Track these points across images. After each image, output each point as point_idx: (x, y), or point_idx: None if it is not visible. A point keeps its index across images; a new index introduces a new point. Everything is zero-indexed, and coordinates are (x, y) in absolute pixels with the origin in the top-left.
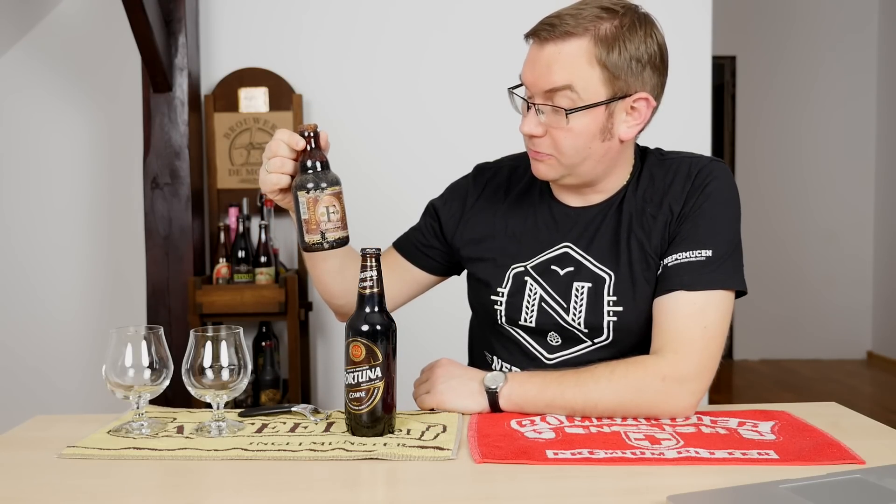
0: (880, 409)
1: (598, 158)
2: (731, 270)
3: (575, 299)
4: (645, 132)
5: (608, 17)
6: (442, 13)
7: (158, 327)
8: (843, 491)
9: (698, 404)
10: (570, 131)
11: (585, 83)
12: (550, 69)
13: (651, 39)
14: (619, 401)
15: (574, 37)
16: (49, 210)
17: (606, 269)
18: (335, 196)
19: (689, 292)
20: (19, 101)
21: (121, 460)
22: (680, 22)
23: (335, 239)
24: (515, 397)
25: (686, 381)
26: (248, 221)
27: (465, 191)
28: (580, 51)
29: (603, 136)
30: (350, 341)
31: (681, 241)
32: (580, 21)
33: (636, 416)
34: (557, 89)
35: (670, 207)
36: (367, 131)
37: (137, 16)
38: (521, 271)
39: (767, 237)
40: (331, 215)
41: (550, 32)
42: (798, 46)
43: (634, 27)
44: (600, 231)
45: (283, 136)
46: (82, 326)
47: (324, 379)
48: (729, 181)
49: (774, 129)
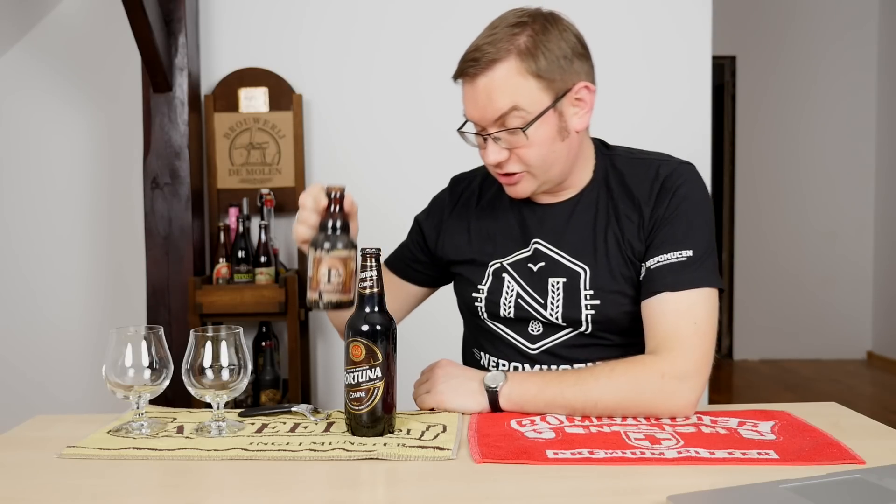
0: (880, 409)
1: (564, 158)
2: (711, 269)
3: (551, 295)
4: (650, 133)
5: (521, 31)
6: (441, 13)
7: (158, 327)
8: (843, 491)
9: (698, 403)
10: (533, 145)
11: (528, 98)
12: (491, 98)
13: (566, 33)
14: (620, 399)
15: (499, 62)
16: (49, 210)
17: (581, 264)
18: (340, 260)
19: (675, 293)
20: (19, 101)
21: (121, 460)
22: (680, 22)
23: (329, 301)
24: (515, 396)
25: (685, 378)
26: (248, 221)
27: (442, 203)
28: (510, 71)
29: (562, 136)
30: (350, 341)
31: (661, 244)
32: (498, 45)
33: (637, 416)
34: (505, 114)
35: (641, 209)
36: (367, 131)
37: (137, 16)
38: (500, 267)
39: (767, 237)
40: (332, 278)
41: (477, 66)
42: (798, 46)
43: (547, 29)
44: (570, 226)
45: (314, 190)
46: (82, 326)
47: (324, 379)
48: (699, 182)
49: (774, 129)
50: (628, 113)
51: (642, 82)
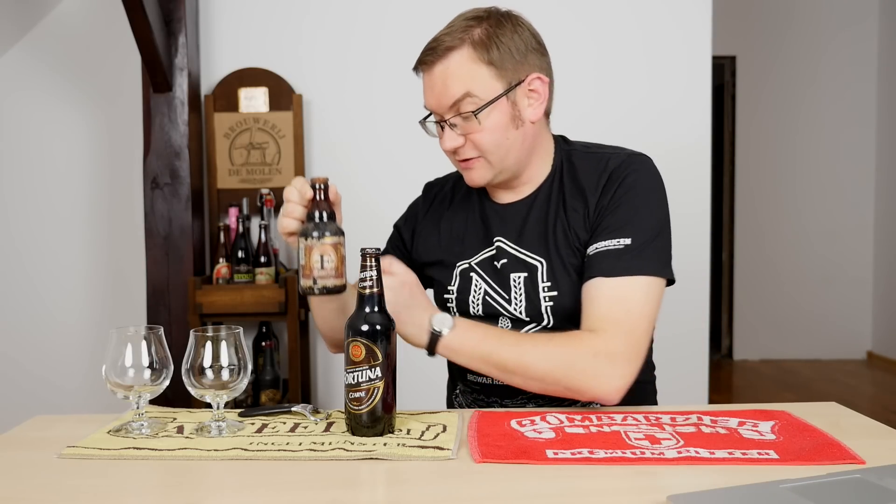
0: (880, 409)
1: (519, 146)
2: (653, 258)
3: (514, 290)
4: (650, 133)
5: (476, 24)
6: (441, 13)
7: (158, 327)
8: (843, 491)
9: (623, 392)
10: (485, 130)
11: (480, 84)
12: (446, 85)
13: (521, 28)
14: (550, 368)
15: (454, 49)
16: (49, 210)
17: (537, 257)
18: (332, 246)
19: (609, 278)
20: (19, 101)
21: (121, 460)
22: (680, 22)
23: (324, 286)
24: (455, 344)
25: (616, 361)
26: (248, 221)
27: (416, 208)
28: (464, 59)
29: (515, 124)
30: (350, 341)
31: (601, 231)
32: (454, 35)
33: (562, 392)
34: (459, 100)
35: (586, 199)
36: (366, 131)
37: (137, 16)
38: (467, 267)
39: (767, 237)
40: (325, 263)
41: (433, 54)
42: (798, 46)
43: (501, 24)
44: (528, 222)
45: (298, 183)
46: (82, 326)
47: (324, 379)
48: (648, 172)
49: (774, 128)
50: (628, 113)
51: (642, 82)
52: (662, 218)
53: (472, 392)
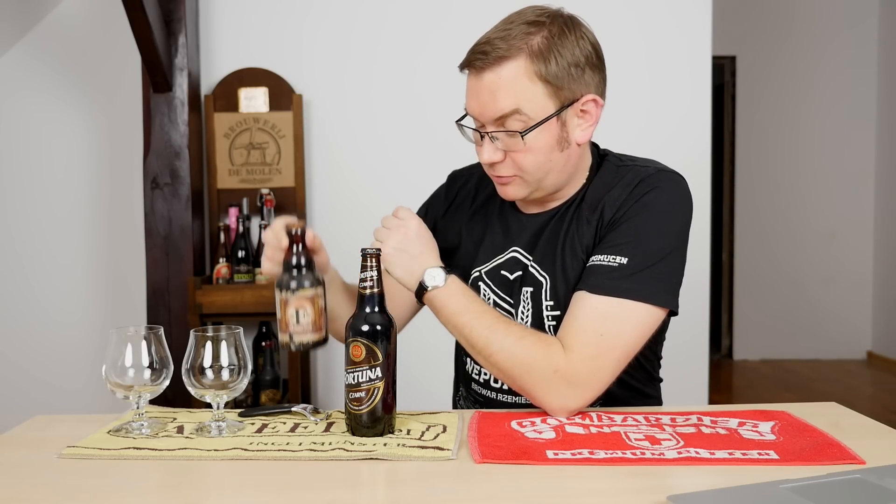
0: (880, 409)
1: (560, 168)
2: (648, 283)
3: (523, 304)
4: (650, 133)
5: (536, 31)
6: (441, 13)
7: (158, 327)
8: (843, 491)
9: (575, 413)
10: (529, 151)
11: (532, 102)
12: (495, 97)
13: (583, 41)
14: (511, 366)
15: (509, 59)
16: (49, 210)
17: (544, 273)
18: (307, 300)
19: (592, 295)
20: (19, 101)
21: (121, 460)
22: (680, 22)
23: (301, 342)
24: (437, 302)
25: (574, 384)
26: (248, 221)
27: (438, 201)
28: (518, 72)
29: (561, 146)
30: (350, 341)
31: (602, 245)
32: (511, 42)
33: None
34: (507, 115)
35: (602, 213)
36: (366, 131)
37: (137, 16)
38: (477, 276)
39: (767, 237)
40: (300, 318)
41: (485, 60)
42: (797, 46)
43: (564, 33)
44: (544, 235)
45: (276, 226)
46: (82, 326)
47: (324, 379)
48: (672, 192)
49: (774, 128)
50: (629, 113)
51: (642, 82)
52: (674, 243)
53: (476, 403)
